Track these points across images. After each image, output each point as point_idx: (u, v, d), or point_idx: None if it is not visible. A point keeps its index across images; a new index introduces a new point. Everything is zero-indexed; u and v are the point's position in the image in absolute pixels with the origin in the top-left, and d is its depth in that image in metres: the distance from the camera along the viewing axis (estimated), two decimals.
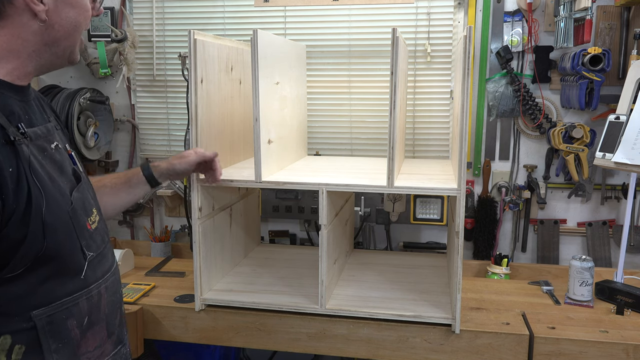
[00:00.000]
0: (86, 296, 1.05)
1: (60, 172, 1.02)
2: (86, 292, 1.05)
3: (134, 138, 2.60)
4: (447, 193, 1.62)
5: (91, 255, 1.05)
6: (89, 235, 1.06)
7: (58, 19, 0.99)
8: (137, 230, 2.68)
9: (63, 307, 1.00)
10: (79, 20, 1.02)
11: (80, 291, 1.03)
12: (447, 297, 1.81)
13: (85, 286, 1.05)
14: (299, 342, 1.77)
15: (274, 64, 1.78)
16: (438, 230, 2.46)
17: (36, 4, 0.95)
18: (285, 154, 1.96)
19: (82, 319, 1.04)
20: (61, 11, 0.99)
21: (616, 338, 1.61)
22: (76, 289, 1.03)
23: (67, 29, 1.01)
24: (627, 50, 2.15)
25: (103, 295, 1.10)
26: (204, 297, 1.80)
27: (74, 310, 1.02)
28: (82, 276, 1.03)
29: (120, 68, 2.43)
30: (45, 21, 0.97)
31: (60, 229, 0.97)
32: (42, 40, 0.99)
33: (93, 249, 1.06)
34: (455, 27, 2.28)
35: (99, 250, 1.09)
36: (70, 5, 1.00)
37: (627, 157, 1.73)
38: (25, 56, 0.99)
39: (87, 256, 1.04)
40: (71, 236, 1.00)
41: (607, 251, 2.33)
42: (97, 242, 1.09)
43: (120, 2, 2.47)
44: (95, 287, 1.07)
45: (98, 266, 1.09)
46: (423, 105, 2.35)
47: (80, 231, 1.02)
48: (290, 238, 2.54)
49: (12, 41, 0.96)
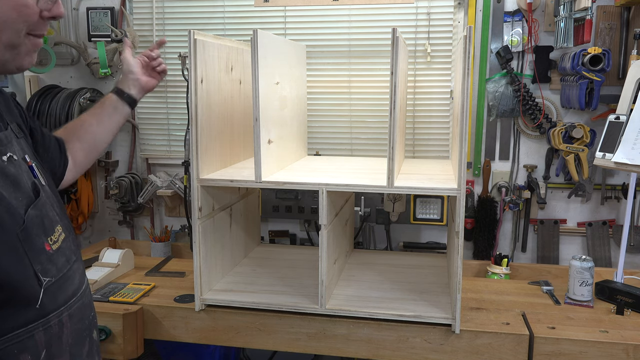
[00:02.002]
0: (43, 327, 0.92)
1: (14, 187, 0.90)
2: (43, 322, 0.92)
3: (134, 138, 2.60)
4: (447, 193, 1.62)
5: (48, 281, 0.93)
6: (47, 259, 0.94)
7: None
8: (137, 230, 2.68)
9: (15, 340, 0.88)
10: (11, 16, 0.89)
11: (36, 322, 0.91)
12: (447, 297, 1.81)
13: (42, 316, 0.92)
14: (299, 342, 1.77)
15: (274, 64, 1.78)
16: (438, 230, 2.46)
17: None
18: (285, 154, 1.96)
19: (39, 353, 0.92)
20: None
21: (616, 338, 1.61)
22: (30, 320, 0.90)
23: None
24: (627, 50, 2.15)
25: (65, 324, 0.97)
26: (204, 297, 1.80)
27: (28, 344, 0.90)
28: (37, 305, 0.91)
29: (120, 68, 2.43)
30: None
31: (5, 255, 0.85)
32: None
33: (51, 273, 0.94)
34: (455, 27, 2.28)
35: (60, 273, 0.97)
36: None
37: (627, 157, 1.73)
38: None
39: (43, 282, 0.91)
40: (21, 261, 0.88)
41: (607, 251, 2.33)
42: (57, 265, 0.96)
43: (120, 2, 2.47)
44: (54, 316, 0.95)
45: (59, 292, 0.96)
46: (423, 105, 2.35)
47: (34, 255, 0.90)
48: (290, 238, 2.54)
49: None
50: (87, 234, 2.73)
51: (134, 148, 2.60)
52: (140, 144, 2.60)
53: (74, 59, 2.57)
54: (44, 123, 2.29)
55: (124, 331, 1.76)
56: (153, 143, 2.59)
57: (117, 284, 1.99)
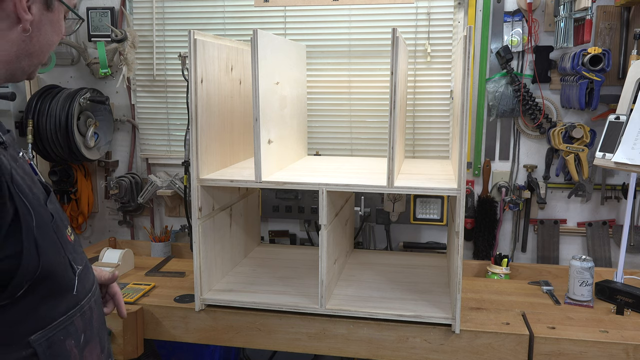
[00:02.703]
0: (79, 313, 1.00)
1: (32, 183, 0.93)
2: (79, 308, 1.00)
3: (134, 138, 2.60)
4: (447, 193, 1.62)
5: (79, 269, 1.00)
6: (72, 249, 1.00)
7: (38, 33, 0.94)
8: (137, 230, 2.68)
9: (60, 327, 0.95)
10: (53, 40, 0.98)
11: (74, 308, 0.98)
12: (447, 297, 1.81)
13: (78, 302, 0.99)
14: (299, 342, 1.77)
15: (274, 64, 1.78)
16: (438, 230, 2.46)
17: (26, 12, 0.90)
18: (285, 154, 1.96)
19: (79, 337, 0.99)
20: (42, 26, 0.94)
21: (616, 338, 1.61)
22: (70, 307, 0.97)
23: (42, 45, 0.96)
24: (627, 50, 2.15)
25: (94, 309, 1.05)
26: (204, 297, 1.80)
27: (70, 329, 0.97)
28: (75, 292, 0.98)
29: (120, 68, 2.43)
30: (27, 32, 0.92)
31: (50, 246, 0.91)
32: (17, 51, 0.93)
33: (79, 261, 1.01)
34: (455, 27, 2.28)
35: (83, 262, 1.03)
36: (51, 22, 0.96)
37: (627, 157, 1.73)
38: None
39: (77, 270, 0.99)
40: (60, 253, 0.94)
41: (607, 251, 2.33)
42: (79, 254, 1.03)
43: (120, 2, 2.47)
44: (86, 302, 1.02)
45: (85, 279, 1.03)
46: (423, 105, 2.35)
47: (65, 245, 0.97)
48: (290, 238, 2.54)
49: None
50: (87, 234, 2.73)
51: (134, 148, 2.60)
52: (140, 144, 2.60)
53: (74, 59, 2.57)
54: (44, 123, 2.29)
55: (124, 331, 1.76)
56: (153, 143, 2.59)
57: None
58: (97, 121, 2.42)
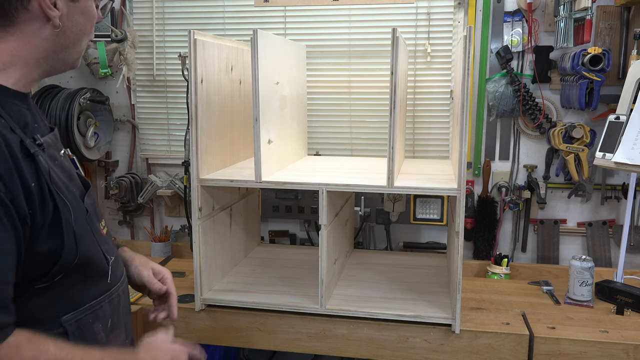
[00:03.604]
0: (108, 299, 1.07)
1: (70, 179, 1.01)
2: (109, 294, 1.07)
3: (134, 138, 2.60)
4: (447, 193, 1.62)
5: (112, 259, 1.08)
6: (104, 240, 1.08)
7: (69, 25, 0.98)
8: (137, 230, 2.68)
9: (90, 310, 1.02)
10: (86, 27, 1.02)
11: (104, 294, 1.06)
12: (447, 297, 1.81)
13: (108, 289, 1.07)
14: (299, 342, 1.77)
15: (274, 64, 1.78)
16: (438, 230, 2.46)
17: (52, 10, 0.93)
18: (285, 154, 1.96)
19: (106, 322, 1.06)
20: (72, 17, 0.98)
21: (616, 338, 1.61)
22: (101, 292, 1.05)
23: (77, 35, 1.00)
24: (627, 50, 2.15)
25: (121, 297, 1.12)
26: (204, 297, 1.80)
27: (99, 314, 1.04)
28: (108, 280, 1.07)
29: (120, 68, 2.43)
30: (58, 27, 0.95)
31: (86, 237, 0.99)
32: (52, 46, 0.97)
33: (111, 252, 1.09)
34: (455, 27, 2.28)
35: (114, 253, 1.11)
36: (81, 11, 0.99)
37: (627, 157, 1.73)
38: (34, 63, 0.97)
39: (110, 260, 1.07)
40: (94, 243, 1.03)
41: (607, 251, 2.33)
42: (111, 246, 1.11)
43: (120, 2, 2.47)
44: (115, 290, 1.10)
45: (116, 269, 1.11)
46: (423, 105, 2.35)
47: (98, 237, 1.05)
48: (290, 238, 2.54)
49: (21, 48, 0.94)
50: None
51: (134, 148, 2.60)
52: (140, 144, 2.60)
53: None
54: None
55: None
56: (153, 143, 2.59)
57: None
58: (97, 121, 2.42)
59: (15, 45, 0.94)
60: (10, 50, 0.94)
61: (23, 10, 0.92)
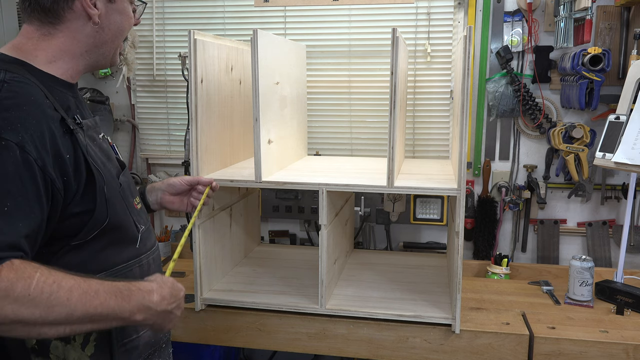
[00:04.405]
0: (138, 264, 1.18)
1: (107, 159, 1.14)
2: (138, 260, 1.18)
3: (134, 138, 2.60)
4: (447, 193, 1.62)
5: (142, 228, 1.20)
6: (137, 212, 1.20)
7: (107, 23, 1.12)
8: None
9: (119, 272, 1.13)
10: (124, 26, 1.16)
11: (134, 259, 1.17)
12: (447, 297, 1.81)
13: (138, 255, 1.18)
14: (299, 342, 1.77)
15: (274, 64, 1.78)
16: (438, 230, 2.46)
17: (91, 8, 1.08)
18: (285, 154, 1.96)
19: None
20: (110, 16, 1.12)
21: (616, 338, 1.61)
22: (131, 257, 1.16)
23: (114, 32, 1.14)
24: (627, 50, 2.15)
25: (151, 265, 1.23)
26: (204, 297, 1.80)
27: (129, 276, 1.14)
28: (137, 245, 1.17)
29: (120, 68, 2.43)
30: (97, 24, 1.10)
31: (117, 204, 1.11)
32: (93, 41, 1.11)
33: (142, 222, 1.21)
34: (455, 27, 2.28)
35: (146, 225, 1.23)
36: (118, 11, 1.14)
37: (627, 157, 1.73)
38: (79, 56, 1.11)
39: (140, 229, 1.19)
40: (125, 211, 1.14)
41: (607, 251, 2.33)
42: (143, 219, 1.23)
43: None
44: (145, 257, 1.20)
45: (147, 239, 1.23)
46: (423, 105, 2.35)
47: (130, 208, 1.17)
48: (290, 238, 2.54)
49: (68, 43, 1.08)
50: None
51: (134, 148, 2.60)
52: (140, 144, 2.60)
53: None
54: None
55: None
56: (153, 143, 2.59)
57: None
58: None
59: (63, 40, 1.08)
60: (59, 45, 1.08)
61: (68, 9, 1.06)
